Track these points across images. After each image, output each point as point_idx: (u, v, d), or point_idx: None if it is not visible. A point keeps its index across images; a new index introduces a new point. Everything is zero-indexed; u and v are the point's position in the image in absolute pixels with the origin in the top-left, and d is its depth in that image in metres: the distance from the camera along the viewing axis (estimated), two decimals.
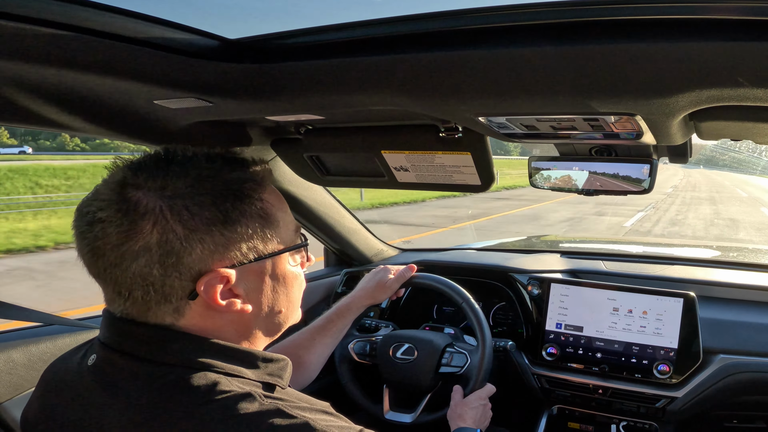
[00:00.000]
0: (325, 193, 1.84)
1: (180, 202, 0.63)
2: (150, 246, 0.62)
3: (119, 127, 1.07)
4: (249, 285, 0.69)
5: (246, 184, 0.68)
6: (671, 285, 1.76)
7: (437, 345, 1.54)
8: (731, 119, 0.89)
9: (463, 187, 1.32)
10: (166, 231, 0.62)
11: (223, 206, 0.65)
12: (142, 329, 0.66)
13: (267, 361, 0.72)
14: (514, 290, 1.88)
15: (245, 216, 0.67)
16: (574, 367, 1.68)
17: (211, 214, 0.64)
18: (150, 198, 0.63)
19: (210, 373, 0.65)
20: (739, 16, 0.56)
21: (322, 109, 1.04)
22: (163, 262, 0.63)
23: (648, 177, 1.20)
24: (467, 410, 1.36)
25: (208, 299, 0.66)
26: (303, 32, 0.77)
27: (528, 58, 0.68)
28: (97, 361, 0.69)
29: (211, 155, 0.69)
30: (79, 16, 0.63)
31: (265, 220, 0.70)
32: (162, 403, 0.62)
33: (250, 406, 0.63)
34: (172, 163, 0.66)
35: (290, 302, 0.76)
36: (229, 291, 0.67)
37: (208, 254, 0.64)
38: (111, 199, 0.63)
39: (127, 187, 0.63)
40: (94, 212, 0.63)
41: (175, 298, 0.65)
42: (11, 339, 1.22)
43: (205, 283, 0.65)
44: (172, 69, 0.78)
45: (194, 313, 0.67)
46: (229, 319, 0.70)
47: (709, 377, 1.55)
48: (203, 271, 0.65)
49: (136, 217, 0.62)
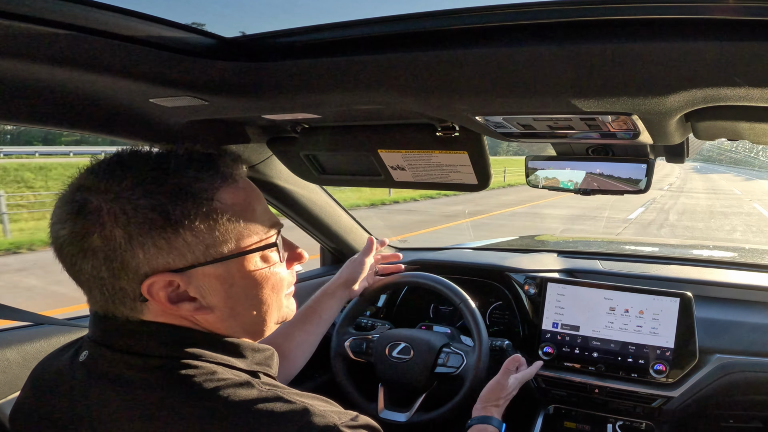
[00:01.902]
0: (322, 192, 1.83)
1: (118, 205, 0.62)
2: (95, 249, 0.62)
3: (114, 126, 1.07)
4: (205, 288, 0.67)
5: (198, 184, 0.65)
6: (668, 285, 1.77)
7: (433, 345, 1.54)
8: (728, 119, 0.89)
9: (459, 186, 1.32)
10: (106, 234, 0.62)
11: (164, 208, 0.62)
12: (119, 323, 0.67)
13: (254, 351, 0.73)
14: (511, 290, 1.88)
15: (192, 218, 0.64)
16: (570, 366, 1.68)
17: (149, 217, 0.62)
18: (95, 200, 0.62)
19: (203, 363, 0.66)
20: (735, 16, 0.56)
21: (318, 107, 1.04)
22: (109, 265, 0.63)
23: (645, 177, 1.20)
24: (504, 396, 1.30)
25: (155, 302, 0.65)
26: (299, 31, 0.77)
27: (525, 57, 0.68)
28: (89, 356, 0.69)
29: (162, 154, 0.67)
30: (73, 14, 0.62)
31: (219, 220, 0.66)
32: (160, 395, 0.63)
33: (250, 393, 0.63)
34: (118, 164, 0.65)
35: (264, 303, 0.73)
36: (180, 294, 0.66)
37: (152, 257, 0.63)
38: (66, 201, 0.64)
39: (80, 189, 0.64)
40: (56, 212, 0.65)
41: (128, 299, 0.65)
42: (6, 338, 1.22)
43: (148, 287, 0.64)
44: (168, 67, 0.78)
45: (154, 313, 0.67)
46: (193, 320, 0.69)
47: (706, 377, 1.55)
48: (149, 274, 0.63)
49: (83, 220, 0.62)
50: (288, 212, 1.80)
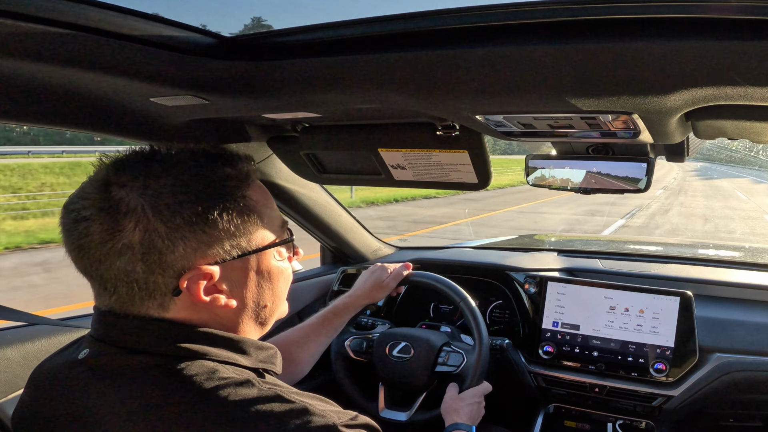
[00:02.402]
0: (322, 191, 1.84)
1: (161, 201, 0.63)
2: (133, 244, 0.63)
3: (115, 125, 1.07)
4: (233, 280, 0.70)
5: (229, 182, 0.69)
6: (668, 284, 1.77)
7: (434, 344, 1.54)
8: (728, 118, 0.89)
9: (460, 185, 1.32)
10: (148, 229, 0.63)
11: (205, 204, 0.65)
12: (129, 321, 0.67)
13: (258, 349, 0.73)
14: (511, 289, 1.88)
15: (228, 213, 0.67)
16: (570, 365, 1.68)
17: (193, 212, 0.64)
18: (132, 196, 0.63)
19: (206, 361, 0.66)
20: (735, 15, 0.56)
21: (318, 106, 1.04)
22: (146, 259, 0.63)
23: (645, 176, 1.20)
24: (463, 405, 1.36)
25: (191, 296, 0.66)
26: (299, 30, 0.77)
27: (526, 56, 0.68)
28: (90, 354, 0.69)
29: (195, 152, 0.69)
30: (73, 14, 0.62)
31: (249, 216, 0.70)
32: (161, 392, 0.63)
33: (250, 392, 0.64)
34: (154, 162, 0.66)
35: (276, 297, 0.77)
36: (212, 287, 0.68)
37: (190, 251, 0.65)
38: (94, 198, 0.64)
39: (110, 185, 0.64)
40: (79, 210, 0.64)
41: (159, 294, 0.66)
42: (6, 337, 1.22)
43: (188, 280, 0.65)
44: (169, 66, 0.78)
45: (179, 308, 0.68)
46: (214, 313, 0.70)
47: (706, 376, 1.55)
48: (186, 268, 0.65)
49: (119, 216, 0.62)
50: (288, 211, 1.80)
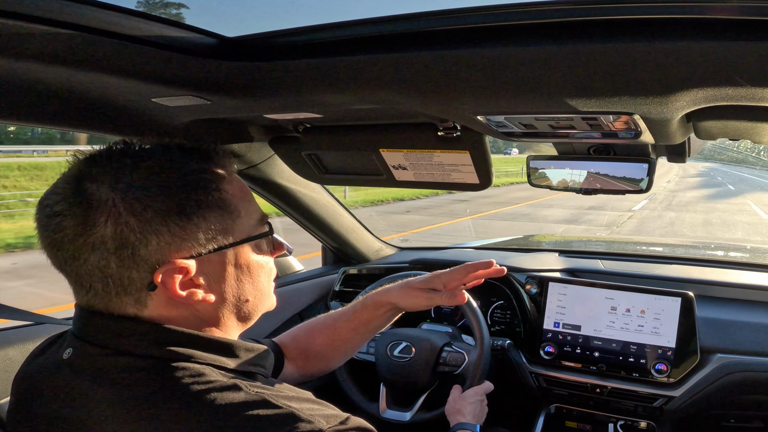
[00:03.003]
0: (323, 192, 1.84)
1: (132, 195, 0.63)
2: (105, 239, 0.62)
3: (116, 125, 1.07)
4: (210, 275, 0.69)
5: (203, 175, 0.68)
6: (669, 284, 1.76)
7: (435, 344, 1.54)
8: (730, 119, 0.89)
9: (461, 185, 1.32)
10: (119, 224, 0.62)
11: (177, 197, 0.64)
12: (111, 321, 0.66)
13: (247, 350, 0.73)
14: (512, 289, 1.88)
15: (202, 207, 0.66)
16: (571, 366, 1.68)
17: (166, 206, 0.64)
18: (103, 190, 0.62)
19: (192, 364, 0.66)
20: (737, 15, 0.56)
21: (320, 107, 1.04)
22: (119, 254, 0.63)
23: (646, 176, 1.20)
24: (465, 405, 1.36)
25: (167, 290, 0.65)
26: (301, 30, 0.77)
27: (527, 57, 0.68)
28: (74, 354, 0.68)
29: (167, 147, 0.69)
30: (75, 14, 0.62)
31: (224, 210, 0.69)
32: (146, 396, 0.62)
33: (236, 397, 0.63)
34: (126, 156, 0.66)
35: (257, 291, 0.76)
36: (189, 281, 0.67)
37: (164, 245, 0.64)
38: (66, 192, 0.63)
39: (82, 180, 0.63)
40: (52, 205, 0.64)
41: (134, 289, 0.65)
42: (8, 337, 1.22)
43: (162, 274, 0.64)
44: (170, 67, 0.78)
45: (157, 303, 0.67)
46: (194, 308, 0.69)
47: (707, 377, 1.55)
48: (161, 262, 0.64)
49: (90, 210, 0.62)
50: (290, 211, 1.80)
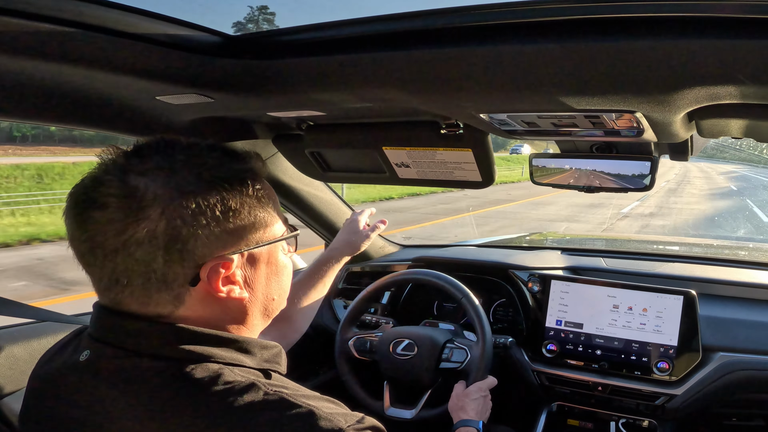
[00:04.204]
0: (327, 189, 1.84)
1: (187, 190, 0.63)
2: (156, 233, 0.62)
3: (121, 123, 1.07)
4: (246, 272, 0.71)
5: (246, 174, 0.70)
6: (671, 282, 1.76)
7: (437, 341, 1.55)
8: (732, 117, 0.89)
9: (464, 183, 1.32)
10: (173, 218, 0.62)
11: (227, 195, 0.66)
12: (136, 322, 0.66)
13: (263, 348, 0.73)
14: (515, 287, 1.88)
15: (247, 205, 0.68)
16: (573, 364, 1.68)
17: (217, 202, 0.65)
18: (157, 185, 0.63)
19: (211, 364, 0.66)
20: (740, 14, 0.56)
21: (323, 105, 1.04)
22: (168, 248, 0.63)
23: (649, 174, 1.20)
24: (469, 402, 1.36)
25: (210, 286, 0.66)
26: (304, 29, 0.77)
27: (530, 55, 0.68)
28: (92, 356, 0.68)
29: (211, 146, 0.70)
30: (79, 12, 0.63)
31: (263, 209, 0.71)
32: (166, 397, 0.63)
33: (255, 396, 0.63)
34: (176, 152, 0.66)
35: (282, 290, 0.78)
36: (227, 278, 0.68)
37: (213, 241, 0.65)
38: (113, 186, 0.63)
39: (130, 174, 0.63)
40: (94, 198, 0.62)
41: (176, 284, 0.65)
42: (13, 334, 1.22)
43: (209, 270, 0.65)
44: (174, 65, 0.78)
45: (194, 300, 0.67)
46: (226, 306, 0.70)
47: (709, 375, 1.55)
48: (207, 257, 0.65)
49: (144, 204, 0.62)
50: (293, 209, 1.80)
